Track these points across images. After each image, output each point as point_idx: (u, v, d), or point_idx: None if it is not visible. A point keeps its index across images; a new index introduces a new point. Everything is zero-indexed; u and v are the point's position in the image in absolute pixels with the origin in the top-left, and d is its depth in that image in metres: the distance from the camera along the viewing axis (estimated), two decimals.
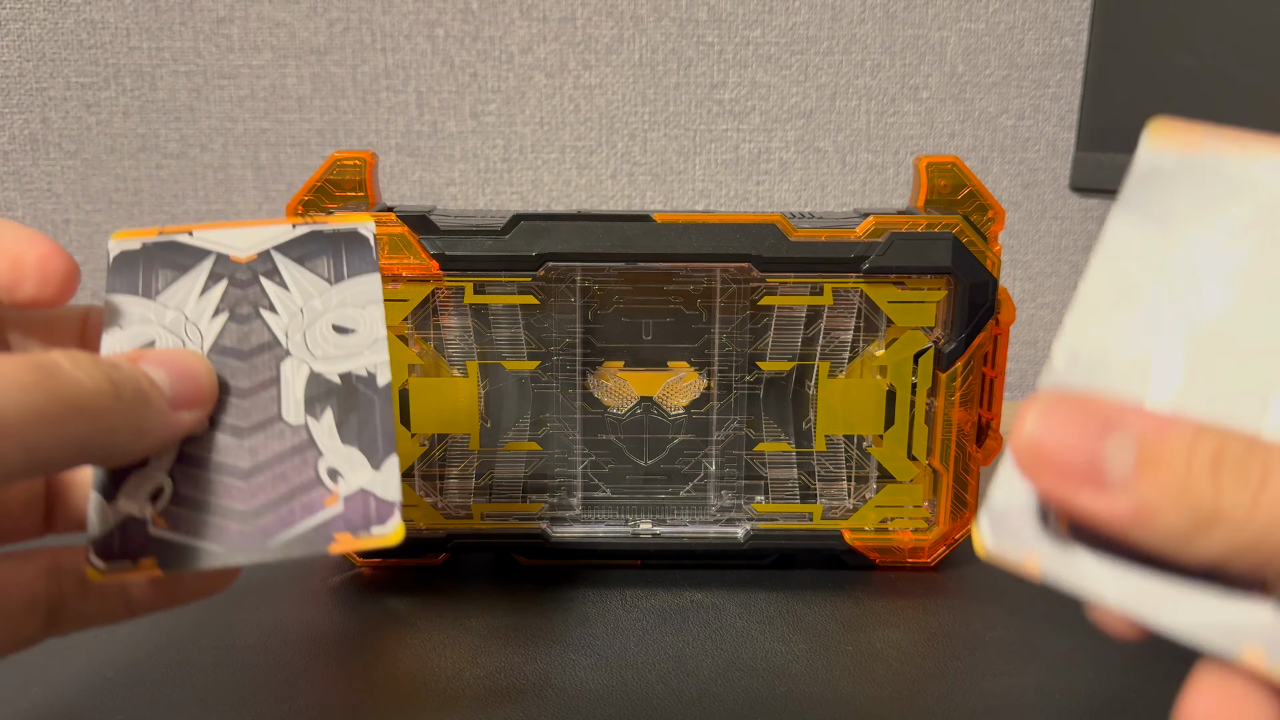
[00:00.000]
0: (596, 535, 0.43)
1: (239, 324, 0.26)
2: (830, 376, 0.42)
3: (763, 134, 0.67)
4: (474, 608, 0.40)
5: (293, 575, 0.42)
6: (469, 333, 0.41)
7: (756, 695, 0.34)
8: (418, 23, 0.64)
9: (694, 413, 0.42)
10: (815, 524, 0.43)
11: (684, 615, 0.39)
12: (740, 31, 0.65)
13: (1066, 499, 0.20)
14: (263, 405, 0.26)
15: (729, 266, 0.40)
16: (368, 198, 0.40)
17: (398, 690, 0.34)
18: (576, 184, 0.67)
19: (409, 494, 0.42)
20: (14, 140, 0.65)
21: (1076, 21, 0.66)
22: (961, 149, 0.68)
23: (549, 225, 0.39)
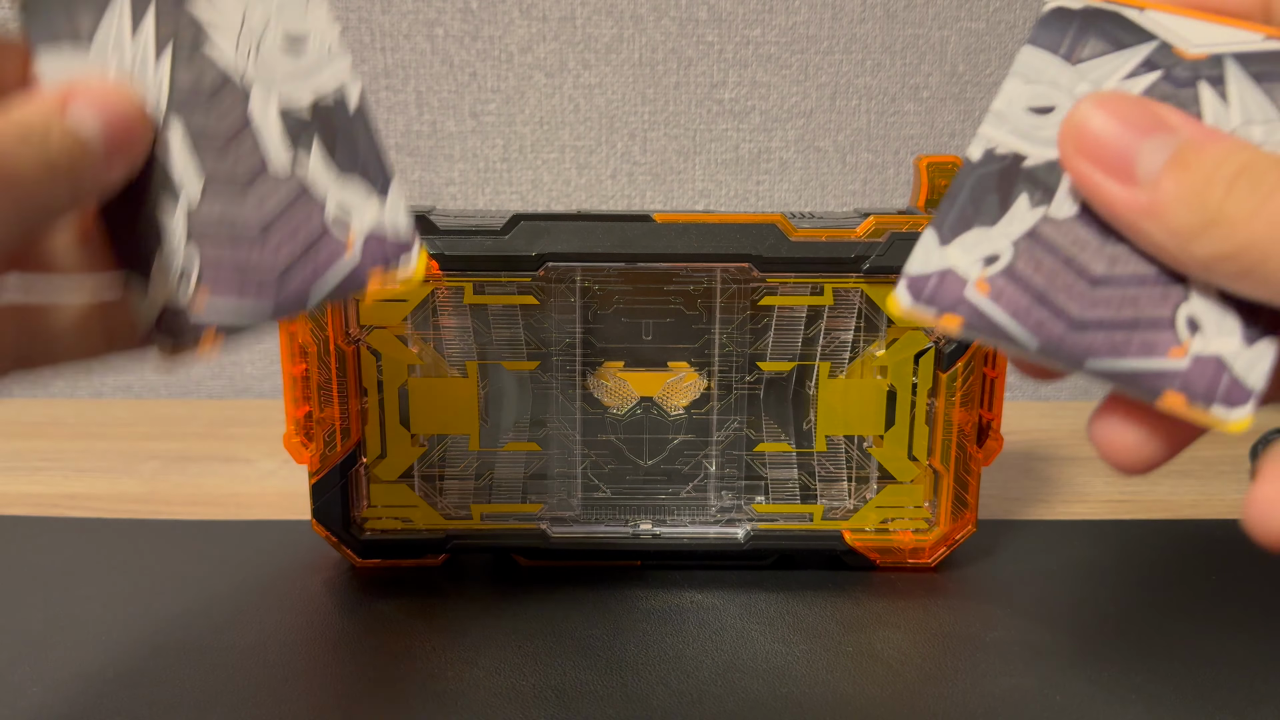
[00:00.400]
0: (596, 535, 0.43)
1: None
2: (830, 377, 0.42)
3: (763, 133, 0.67)
4: (473, 608, 0.40)
5: (293, 575, 0.42)
6: (469, 333, 0.41)
7: (756, 696, 0.34)
8: (417, 22, 0.64)
9: (694, 413, 0.42)
10: (815, 524, 0.43)
11: (684, 616, 0.39)
12: (740, 31, 0.65)
13: (1090, 185, 0.21)
14: (246, 153, 0.24)
15: (729, 266, 0.40)
16: None
17: (397, 691, 0.34)
18: (576, 184, 0.67)
19: (408, 494, 0.42)
20: None
21: None
22: (962, 148, 0.67)
23: (549, 225, 0.39)
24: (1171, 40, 0.23)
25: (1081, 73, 0.23)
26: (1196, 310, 0.21)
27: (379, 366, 0.41)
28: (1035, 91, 0.23)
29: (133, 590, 0.40)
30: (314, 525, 0.42)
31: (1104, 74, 0.23)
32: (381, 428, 0.41)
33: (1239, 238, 0.19)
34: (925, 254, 0.23)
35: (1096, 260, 0.22)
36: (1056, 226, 0.22)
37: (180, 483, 0.53)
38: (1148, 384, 0.21)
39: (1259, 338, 0.21)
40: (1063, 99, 0.23)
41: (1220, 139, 0.20)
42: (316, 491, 0.41)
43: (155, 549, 0.44)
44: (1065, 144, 0.21)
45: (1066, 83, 0.23)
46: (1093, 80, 0.23)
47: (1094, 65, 0.23)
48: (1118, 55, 0.23)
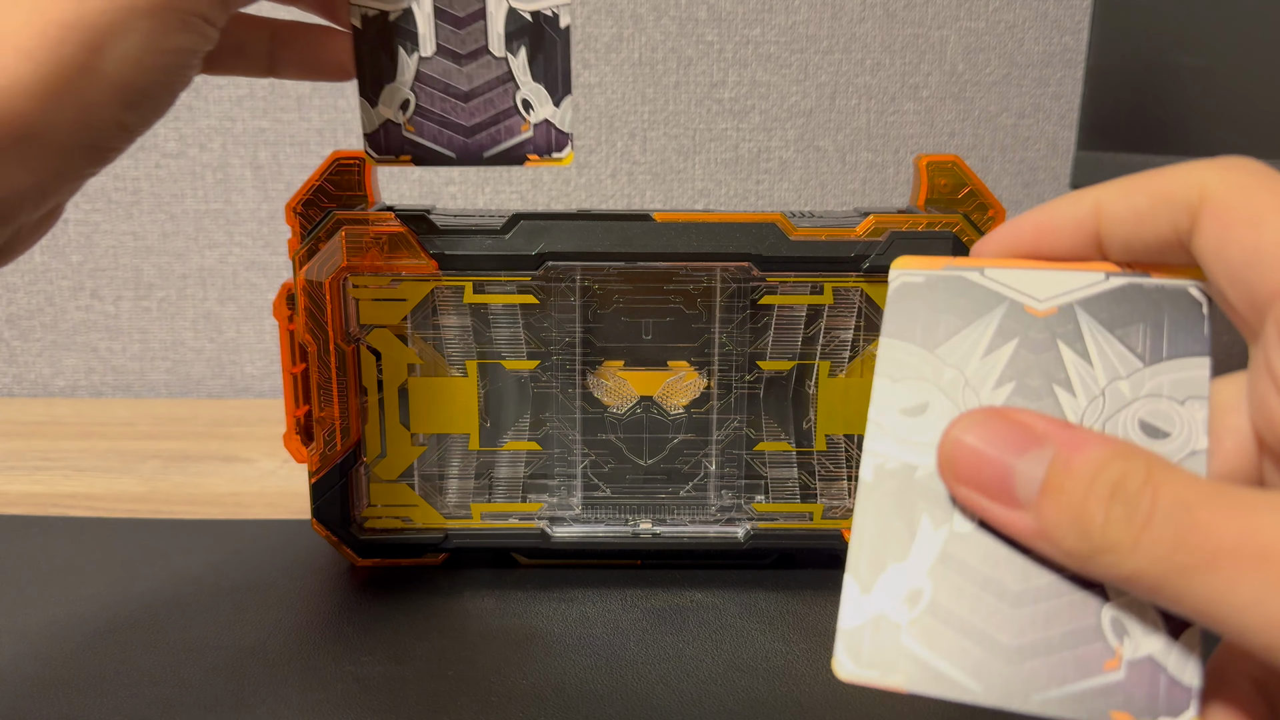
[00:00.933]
0: (596, 535, 0.43)
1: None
2: (830, 376, 0.42)
3: (762, 133, 0.67)
4: (474, 608, 0.40)
5: (293, 575, 0.42)
6: (468, 332, 0.41)
7: (756, 695, 0.34)
8: None
9: (694, 412, 0.42)
10: (816, 523, 0.43)
11: (684, 615, 0.39)
12: (740, 30, 0.65)
13: (979, 510, 0.21)
14: (474, 36, 0.32)
15: (729, 266, 0.40)
16: (367, 197, 0.40)
17: (397, 690, 0.34)
18: (576, 183, 0.67)
19: (408, 494, 0.42)
20: None
21: (1077, 20, 0.66)
22: (962, 148, 0.68)
23: (549, 225, 0.39)
24: (1019, 299, 0.22)
25: (943, 358, 0.23)
26: (1119, 610, 0.20)
27: (379, 366, 0.41)
28: (904, 391, 0.22)
29: (133, 590, 0.40)
30: (314, 525, 0.42)
31: (964, 354, 0.22)
32: (381, 427, 0.41)
33: (1127, 566, 0.18)
34: (853, 607, 0.22)
35: (1010, 575, 0.21)
36: (964, 543, 0.21)
37: (180, 482, 0.53)
38: (1093, 707, 0.20)
39: (1182, 628, 0.20)
40: (932, 394, 0.22)
41: (1088, 447, 0.19)
42: (316, 491, 0.41)
43: (155, 549, 0.44)
44: (945, 473, 0.21)
45: (931, 374, 0.22)
46: (955, 364, 0.22)
47: (952, 348, 0.23)
48: (971, 329, 0.23)
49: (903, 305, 0.23)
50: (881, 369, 0.23)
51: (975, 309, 0.23)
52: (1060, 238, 0.22)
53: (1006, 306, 0.22)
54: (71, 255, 0.67)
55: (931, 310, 0.23)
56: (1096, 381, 0.22)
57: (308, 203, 0.40)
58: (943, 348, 0.23)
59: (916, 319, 0.23)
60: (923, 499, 0.22)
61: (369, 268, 0.39)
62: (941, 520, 0.22)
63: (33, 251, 0.67)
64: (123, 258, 0.67)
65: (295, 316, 0.40)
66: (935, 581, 0.21)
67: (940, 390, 0.22)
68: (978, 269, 0.23)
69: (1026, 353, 0.22)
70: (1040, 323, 0.22)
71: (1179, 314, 0.22)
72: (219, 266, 0.68)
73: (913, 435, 0.22)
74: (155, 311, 0.69)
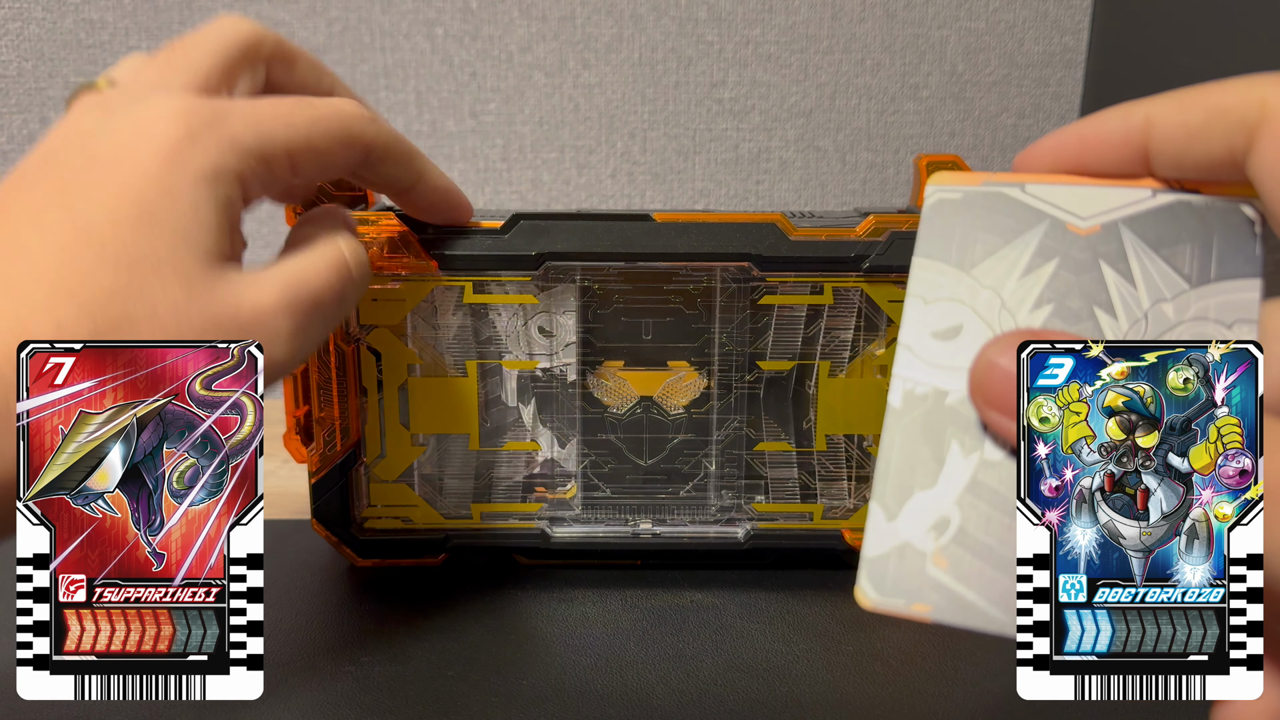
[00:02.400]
0: (596, 535, 0.42)
1: None
2: (831, 376, 0.42)
3: (763, 133, 0.67)
4: (474, 608, 0.40)
5: (293, 575, 0.42)
6: (468, 332, 0.41)
7: (756, 695, 0.34)
8: (417, 22, 0.64)
9: (694, 412, 0.42)
10: (816, 524, 0.43)
11: (684, 615, 0.39)
12: (740, 30, 0.65)
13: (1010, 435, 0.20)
14: None
15: (729, 266, 0.40)
16: (367, 197, 0.40)
17: (397, 690, 0.34)
18: (576, 183, 0.67)
19: (408, 494, 0.42)
20: (13, 140, 0.65)
21: (1077, 20, 0.66)
22: (962, 148, 0.68)
23: (549, 225, 0.39)
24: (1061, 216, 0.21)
25: (978, 279, 0.22)
26: None
27: (379, 366, 0.41)
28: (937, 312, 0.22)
29: None
30: (314, 525, 0.42)
31: (1001, 275, 0.21)
32: (381, 427, 0.41)
33: None
34: (877, 535, 0.21)
35: None
36: (995, 471, 0.21)
37: None
38: None
39: None
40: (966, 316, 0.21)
41: None
42: (316, 491, 0.41)
43: None
44: (975, 396, 0.21)
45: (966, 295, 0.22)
46: (991, 286, 0.21)
47: (989, 268, 0.22)
48: (1010, 248, 0.22)
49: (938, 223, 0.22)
50: (914, 289, 0.22)
51: (1014, 227, 0.22)
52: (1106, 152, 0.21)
53: (1047, 224, 0.21)
54: None
55: (968, 228, 0.22)
56: (1140, 303, 0.21)
57: (308, 203, 0.40)
58: (979, 268, 0.22)
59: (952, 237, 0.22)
60: (953, 425, 0.21)
61: None
62: (972, 447, 0.21)
63: None
64: None
65: None
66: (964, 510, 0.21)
67: (975, 312, 0.21)
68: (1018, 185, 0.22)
69: (1067, 273, 0.21)
70: (1082, 241, 0.21)
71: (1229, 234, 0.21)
72: None
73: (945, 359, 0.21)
74: None
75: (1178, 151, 0.21)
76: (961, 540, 0.21)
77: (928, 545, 0.21)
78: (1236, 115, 0.20)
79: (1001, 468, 0.21)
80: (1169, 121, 0.21)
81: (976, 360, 0.20)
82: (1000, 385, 0.20)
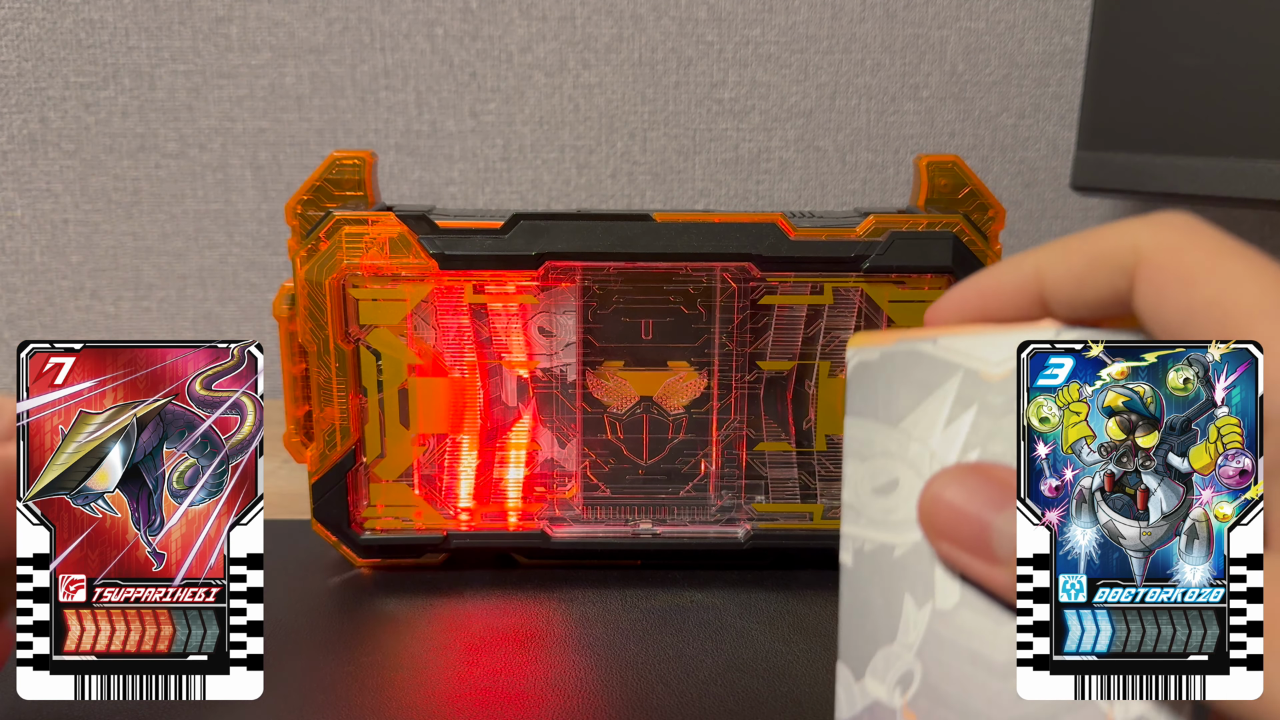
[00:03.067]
0: (596, 535, 0.42)
1: None
2: (830, 376, 0.42)
3: (762, 133, 0.67)
4: (474, 608, 0.40)
5: (293, 575, 0.42)
6: (469, 332, 0.41)
7: (756, 695, 0.34)
8: (417, 22, 0.64)
9: (694, 412, 0.42)
10: (815, 524, 0.43)
11: (684, 615, 0.39)
12: (740, 30, 0.65)
13: (960, 565, 0.21)
14: None
15: (729, 266, 0.40)
16: (367, 197, 0.40)
17: (398, 691, 0.34)
18: (576, 183, 0.67)
19: (408, 494, 0.42)
20: (13, 140, 0.65)
21: (1076, 20, 0.66)
22: (962, 148, 0.68)
23: (549, 225, 0.39)
24: (973, 365, 0.22)
25: (906, 432, 0.22)
26: None
27: (379, 366, 0.41)
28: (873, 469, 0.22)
29: None
30: (314, 525, 0.42)
31: (926, 426, 0.22)
32: (381, 428, 0.41)
33: None
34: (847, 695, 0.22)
35: (997, 647, 0.21)
36: (948, 620, 0.21)
37: None
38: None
39: None
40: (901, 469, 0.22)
41: None
42: (316, 491, 0.41)
43: None
44: (925, 527, 0.21)
45: (897, 449, 0.22)
46: (919, 438, 0.22)
47: (914, 421, 0.22)
48: (931, 400, 0.22)
49: (863, 383, 0.23)
50: (849, 449, 0.23)
51: (932, 380, 0.22)
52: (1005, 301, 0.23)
53: (961, 374, 0.22)
54: (71, 255, 0.67)
55: (890, 385, 0.23)
56: None
57: (307, 203, 0.40)
58: (905, 421, 0.22)
59: (877, 395, 0.23)
60: (904, 578, 0.22)
61: (369, 268, 0.39)
62: (924, 598, 0.22)
63: (33, 252, 0.67)
64: (123, 258, 0.67)
65: (295, 317, 0.40)
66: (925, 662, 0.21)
67: (908, 465, 0.22)
68: (930, 339, 0.23)
69: (986, 419, 0.22)
70: (996, 386, 0.22)
71: None
72: (219, 267, 0.68)
73: (887, 514, 0.22)
74: (155, 312, 0.69)
75: (1069, 296, 0.22)
76: (927, 692, 0.21)
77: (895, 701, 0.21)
78: (1116, 261, 0.21)
79: (955, 615, 0.21)
80: (1057, 271, 0.22)
81: (923, 494, 0.21)
82: (946, 517, 0.21)
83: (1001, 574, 0.20)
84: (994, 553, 0.20)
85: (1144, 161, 0.52)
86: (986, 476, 0.21)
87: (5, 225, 0.66)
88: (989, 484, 0.21)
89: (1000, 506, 0.20)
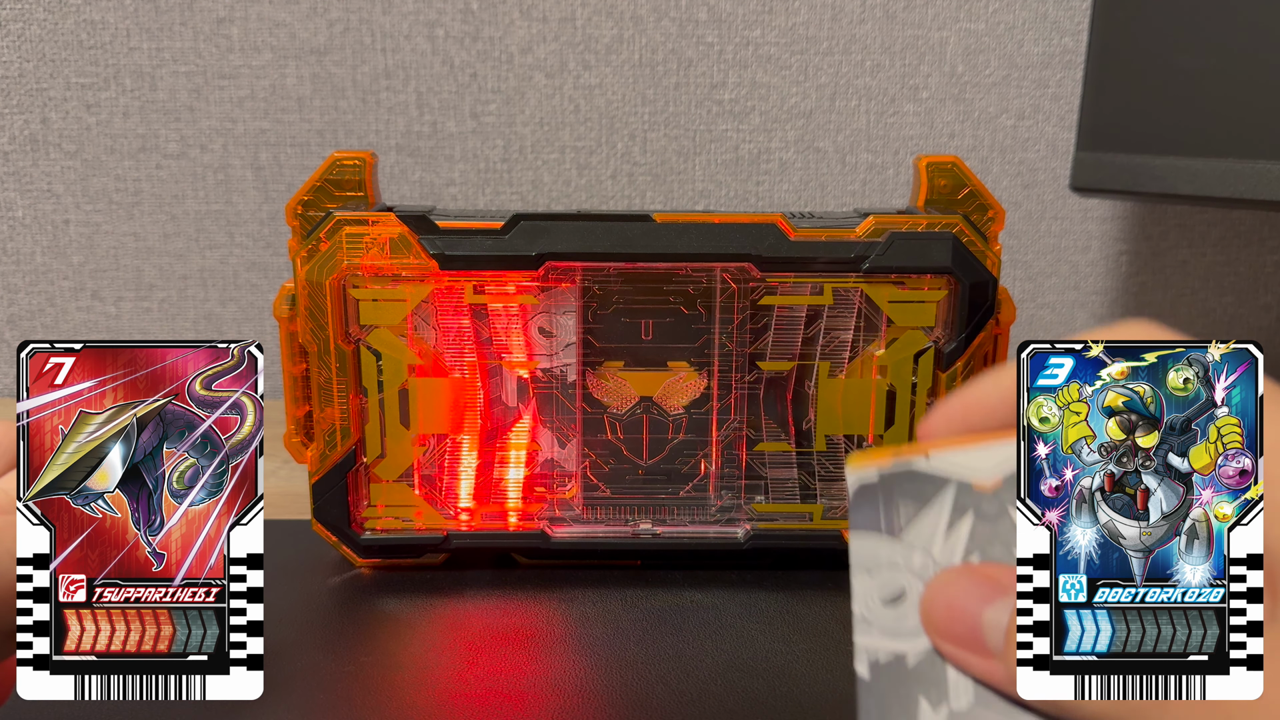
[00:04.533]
0: (596, 535, 0.43)
1: None
2: (830, 376, 0.42)
3: (762, 134, 0.67)
4: (474, 608, 0.40)
5: (293, 575, 0.42)
6: (469, 332, 0.41)
7: (756, 695, 0.34)
8: (417, 23, 0.64)
9: (694, 413, 0.42)
10: (815, 524, 0.43)
11: (684, 615, 0.39)
12: (740, 32, 0.65)
13: (960, 663, 0.21)
14: None
15: (729, 266, 0.40)
16: (367, 198, 0.40)
17: (398, 691, 0.34)
18: (576, 184, 0.67)
19: (408, 494, 0.42)
20: (14, 140, 0.65)
21: (1076, 21, 0.66)
22: (961, 149, 0.68)
23: (549, 225, 0.39)
24: (966, 476, 0.23)
25: (909, 543, 0.23)
26: None
27: (379, 366, 0.41)
28: (880, 581, 0.23)
29: None
30: (314, 525, 0.42)
31: (927, 535, 0.23)
32: (381, 428, 0.41)
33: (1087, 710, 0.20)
34: None
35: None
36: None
37: None
38: None
39: None
40: (906, 578, 0.23)
41: None
42: (316, 491, 0.41)
43: None
44: (926, 628, 0.22)
45: (901, 560, 0.23)
46: (921, 547, 0.23)
47: (915, 531, 0.23)
48: (929, 511, 0.23)
49: (863, 501, 0.24)
50: (855, 562, 0.24)
51: (928, 492, 0.23)
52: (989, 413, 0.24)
53: (955, 486, 0.23)
54: (72, 256, 0.67)
55: (890, 501, 0.24)
56: None
57: (308, 203, 0.40)
58: (907, 533, 0.23)
59: (878, 510, 0.24)
60: (919, 684, 0.22)
61: (369, 268, 0.39)
62: (939, 700, 0.22)
63: (34, 252, 0.67)
64: (124, 258, 0.67)
65: (296, 317, 0.40)
66: None
67: (914, 574, 0.23)
68: (922, 456, 0.24)
69: (982, 525, 0.23)
70: (989, 495, 0.23)
71: None
72: (220, 267, 0.68)
73: (897, 624, 0.23)
74: (156, 312, 0.69)
75: None
76: None
77: None
78: None
79: (971, 716, 0.22)
80: None
81: (924, 596, 0.22)
82: (942, 615, 0.22)
83: (996, 667, 0.21)
84: (985, 646, 0.21)
85: (1143, 162, 0.52)
86: (978, 573, 0.22)
87: (6, 226, 0.66)
88: (979, 580, 0.21)
89: (989, 600, 0.21)
